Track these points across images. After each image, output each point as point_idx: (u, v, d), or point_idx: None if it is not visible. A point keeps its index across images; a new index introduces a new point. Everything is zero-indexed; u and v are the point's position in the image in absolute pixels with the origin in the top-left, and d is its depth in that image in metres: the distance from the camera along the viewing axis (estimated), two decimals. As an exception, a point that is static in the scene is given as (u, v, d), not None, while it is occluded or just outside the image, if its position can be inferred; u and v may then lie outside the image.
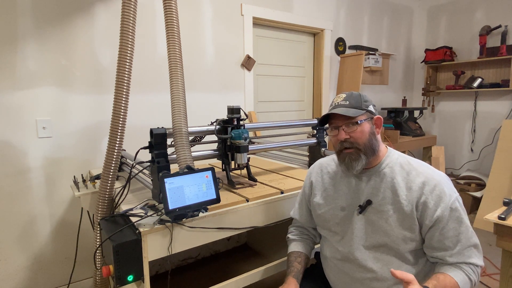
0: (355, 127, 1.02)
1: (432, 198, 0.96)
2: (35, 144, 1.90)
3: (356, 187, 1.08)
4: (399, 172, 1.03)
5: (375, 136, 1.05)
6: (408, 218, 0.98)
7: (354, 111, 1.02)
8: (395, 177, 1.02)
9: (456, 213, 0.96)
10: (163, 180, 1.04)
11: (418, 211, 0.98)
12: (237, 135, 1.35)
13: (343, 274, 1.09)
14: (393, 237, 1.00)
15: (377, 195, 1.04)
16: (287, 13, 2.87)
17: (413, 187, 0.99)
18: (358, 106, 1.03)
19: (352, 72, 3.22)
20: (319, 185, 1.19)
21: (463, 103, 3.83)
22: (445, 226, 0.95)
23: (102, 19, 2.05)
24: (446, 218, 0.95)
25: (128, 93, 1.28)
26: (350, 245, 1.07)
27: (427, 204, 0.96)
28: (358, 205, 1.06)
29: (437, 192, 0.97)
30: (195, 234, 1.14)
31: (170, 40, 1.33)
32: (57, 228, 2.02)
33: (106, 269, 1.03)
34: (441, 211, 0.95)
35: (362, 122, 1.03)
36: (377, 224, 1.02)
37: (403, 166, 1.04)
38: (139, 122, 2.22)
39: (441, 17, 3.92)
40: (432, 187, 0.97)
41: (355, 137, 1.02)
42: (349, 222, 1.08)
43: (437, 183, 0.98)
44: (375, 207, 1.03)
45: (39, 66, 1.87)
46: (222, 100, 2.59)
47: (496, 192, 2.89)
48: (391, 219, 1.00)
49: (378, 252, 1.03)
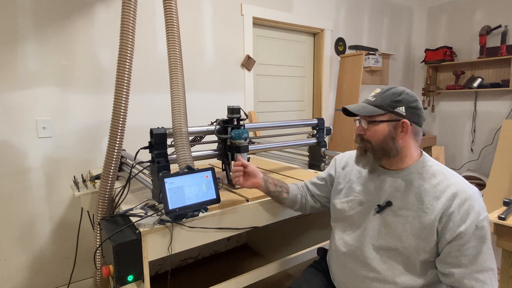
0: (370, 125, 1.01)
1: (460, 212, 0.90)
2: (35, 144, 1.90)
3: (379, 186, 1.06)
4: (430, 179, 0.98)
5: (394, 139, 0.99)
6: (426, 229, 0.93)
7: (371, 110, 1.00)
8: (423, 185, 0.97)
9: (481, 233, 0.89)
10: (163, 180, 1.04)
11: (441, 223, 0.92)
12: (237, 135, 1.35)
13: (347, 270, 1.09)
14: (405, 243, 0.96)
15: (399, 198, 1.00)
16: (287, 13, 2.87)
17: (441, 198, 0.93)
18: (383, 105, 0.99)
19: (352, 72, 3.22)
20: (347, 174, 1.18)
21: (463, 103, 3.83)
22: (466, 243, 0.89)
23: (102, 19, 2.05)
24: (469, 235, 0.89)
25: (128, 93, 1.28)
26: (360, 241, 1.05)
27: (452, 218, 0.90)
28: (377, 204, 1.04)
29: (466, 207, 0.90)
30: (195, 234, 1.14)
31: (170, 40, 1.33)
32: (57, 228, 2.02)
33: (106, 269, 1.02)
34: (465, 227, 0.89)
35: (378, 122, 1.00)
36: (392, 227, 0.99)
37: (435, 174, 0.98)
38: (139, 122, 2.22)
39: (441, 17, 3.92)
40: (462, 201, 0.91)
41: (368, 135, 1.01)
42: (364, 219, 1.06)
43: (469, 197, 0.91)
44: (394, 210, 1.00)
45: (39, 66, 1.87)
46: (222, 100, 2.59)
47: (496, 192, 2.89)
48: (408, 226, 0.96)
49: (386, 255, 1.00)
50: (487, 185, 2.99)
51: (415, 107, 0.99)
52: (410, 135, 1.00)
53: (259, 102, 2.95)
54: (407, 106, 0.98)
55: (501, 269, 1.27)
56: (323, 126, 1.81)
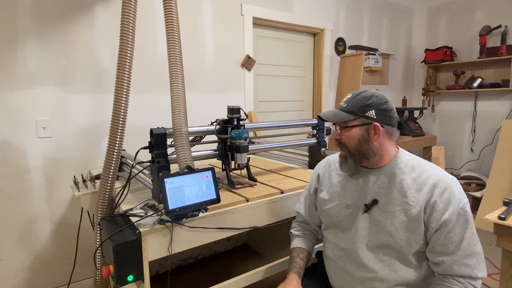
0: (343, 131, 1.05)
1: (442, 201, 0.95)
2: (35, 144, 1.90)
3: (363, 186, 1.08)
4: (409, 173, 1.02)
5: (368, 142, 1.02)
6: (414, 221, 0.97)
7: (343, 116, 1.03)
8: (405, 179, 1.01)
9: (464, 218, 0.94)
10: (163, 180, 1.04)
11: (426, 213, 0.96)
12: (237, 135, 1.35)
13: (344, 273, 1.09)
14: (396, 238, 0.99)
15: (384, 195, 1.03)
16: (287, 13, 2.87)
17: (423, 189, 0.98)
18: (354, 110, 1.02)
19: (352, 72, 3.22)
20: (326, 181, 1.19)
21: (463, 103, 3.83)
22: (451, 230, 0.93)
23: (102, 19, 2.05)
24: (453, 222, 0.93)
25: (128, 93, 1.28)
26: (353, 243, 1.06)
27: (435, 207, 0.95)
28: (363, 204, 1.06)
29: (446, 195, 0.95)
30: (195, 234, 1.14)
31: (170, 40, 1.33)
32: (57, 228, 2.02)
33: (106, 269, 1.03)
34: (448, 215, 0.93)
35: (350, 127, 1.03)
36: (381, 224, 1.01)
37: (414, 167, 1.02)
38: (139, 122, 2.22)
39: (441, 17, 3.92)
40: (443, 190, 0.96)
41: (344, 140, 1.05)
42: (354, 220, 1.08)
43: (448, 185, 0.96)
44: (381, 207, 1.02)
45: (39, 66, 1.87)
46: (222, 100, 2.59)
47: (496, 192, 2.89)
48: (397, 220, 0.99)
49: (381, 253, 1.02)
50: (487, 185, 2.99)
51: (385, 109, 1.02)
52: (384, 136, 1.03)
53: (259, 102, 2.95)
54: (377, 109, 1.01)
55: (501, 269, 1.27)
56: (323, 126, 1.81)
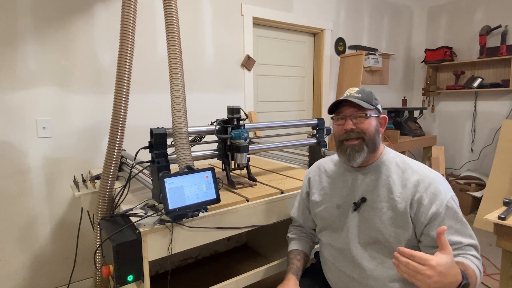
0: (363, 119, 1.04)
1: (427, 195, 0.96)
2: (35, 144, 1.90)
3: (351, 185, 1.10)
4: (395, 170, 1.04)
5: (379, 133, 1.07)
6: (401, 216, 0.98)
7: (366, 104, 1.05)
8: (391, 175, 1.03)
9: (452, 211, 0.95)
10: (163, 180, 1.04)
11: (412, 209, 0.97)
12: (237, 135, 1.35)
13: (341, 274, 1.10)
14: (385, 234, 1.00)
15: (372, 192, 1.05)
16: (287, 13, 2.87)
17: (408, 185, 1.00)
18: (369, 101, 1.06)
19: (352, 72, 3.22)
20: (317, 184, 1.21)
21: (463, 103, 3.83)
22: (441, 223, 0.94)
23: (102, 19, 2.05)
24: (442, 215, 0.94)
25: (128, 93, 1.28)
26: (346, 242, 1.08)
27: (422, 201, 0.96)
28: (353, 203, 1.07)
29: (431, 189, 0.96)
30: (195, 234, 1.14)
31: (170, 40, 1.33)
32: (57, 228, 2.02)
33: (106, 269, 1.03)
34: (436, 208, 0.94)
35: (371, 116, 1.05)
36: (371, 222, 1.03)
37: (399, 164, 1.05)
38: (139, 122, 2.22)
39: (441, 17, 3.92)
40: (427, 185, 0.97)
41: (363, 128, 1.04)
42: (345, 220, 1.09)
43: (432, 181, 0.98)
44: (369, 205, 1.04)
45: (39, 66, 1.87)
46: (222, 100, 2.59)
47: (496, 192, 2.89)
48: (385, 217, 1.01)
49: (373, 250, 1.03)
50: (487, 185, 2.99)
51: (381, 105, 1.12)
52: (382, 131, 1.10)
53: (259, 102, 2.95)
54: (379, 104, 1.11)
55: (501, 269, 1.27)
56: (323, 126, 1.81)
